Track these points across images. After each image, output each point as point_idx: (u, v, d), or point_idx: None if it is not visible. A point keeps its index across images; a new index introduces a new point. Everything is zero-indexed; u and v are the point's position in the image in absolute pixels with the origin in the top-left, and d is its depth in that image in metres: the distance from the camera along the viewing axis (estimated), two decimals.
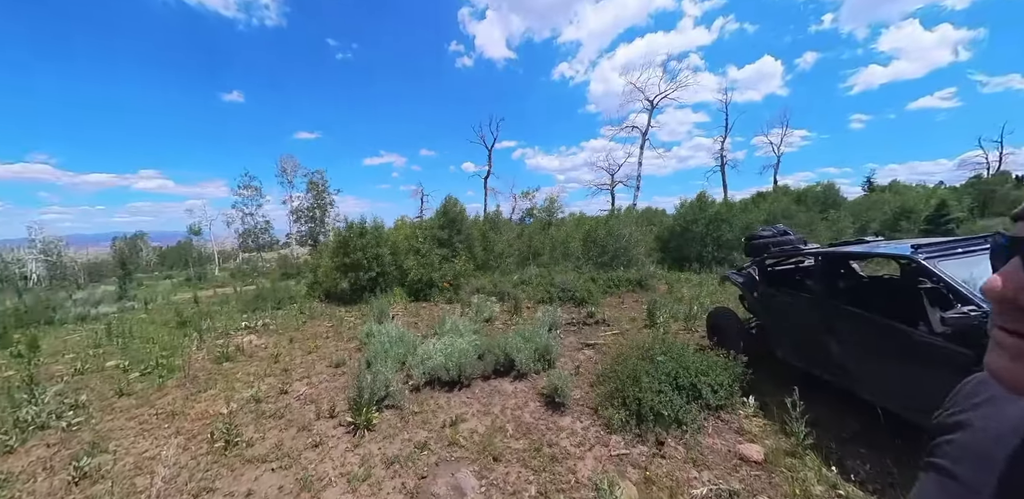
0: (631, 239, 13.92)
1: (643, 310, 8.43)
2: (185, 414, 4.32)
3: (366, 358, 5.41)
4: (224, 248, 38.83)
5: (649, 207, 26.32)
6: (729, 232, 14.42)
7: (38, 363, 6.72)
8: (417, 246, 12.01)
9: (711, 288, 10.29)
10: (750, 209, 16.76)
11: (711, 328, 5.83)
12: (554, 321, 7.14)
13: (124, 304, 13.46)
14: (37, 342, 7.41)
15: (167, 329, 8.99)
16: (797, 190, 22.08)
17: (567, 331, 7.15)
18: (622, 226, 14.20)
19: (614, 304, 9.44)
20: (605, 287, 10.83)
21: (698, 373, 4.16)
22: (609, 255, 13.69)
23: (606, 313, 8.16)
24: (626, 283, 11.09)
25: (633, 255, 13.80)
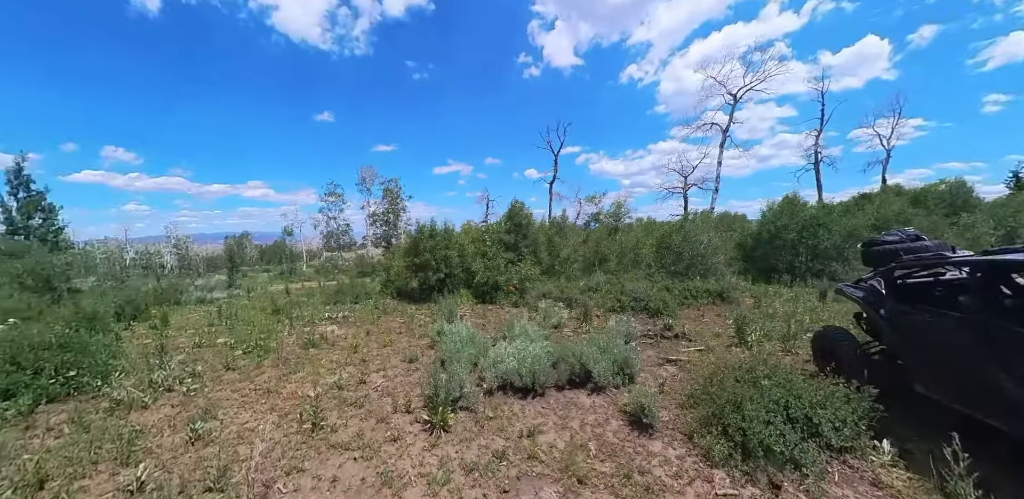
0: (709, 246, 12.80)
1: (728, 325, 7.62)
2: (278, 392, 4.60)
3: (439, 357, 5.41)
4: (311, 247, 42.83)
5: (726, 212, 24.16)
6: (828, 239, 12.67)
7: (167, 335, 7.75)
8: (484, 249, 12.11)
9: (810, 304, 9.05)
10: (852, 213, 14.56)
11: (820, 351, 5.00)
12: (629, 332, 6.67)
13: (232, 291, 15.27)
14: (167, 318, 8.57)
15: (264, 314, 9.93)
16: (913, 190, 18.68)
17: (643, 343, 6.63)
18: (700, 232, 13.11)
19: (693, 317, 8.66)
20: (681, 298, 10.02)
21: (813, 404, 3.53)
22: (684, 263, 12.71)
23: (685, 326, 7.48)
24: (705, 294, 10.16)
25: (711, 264, 12.67)
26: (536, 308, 9.63)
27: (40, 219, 15.42)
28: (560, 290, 10.96)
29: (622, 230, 19.07)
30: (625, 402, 4.05)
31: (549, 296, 10.73)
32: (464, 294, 11.67)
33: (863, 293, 4.51)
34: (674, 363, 5.66)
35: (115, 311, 9.60)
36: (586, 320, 8.24)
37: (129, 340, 7.68)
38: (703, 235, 13.09)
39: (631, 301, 9.58)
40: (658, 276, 12.71)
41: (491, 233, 12.34)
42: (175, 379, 4.88)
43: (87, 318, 8.31)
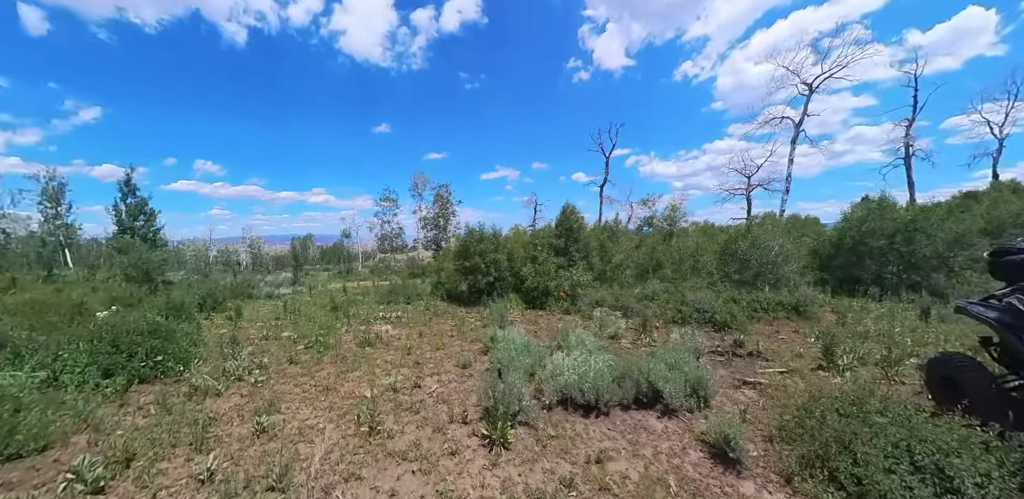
0: (781, 253, 11.58)
1: (810, 344, 6.79)
2: (336, 390, 4.63)
3: (494, 364, 5.21)
4: (366, 249, 45.02)
5: (796, 215, 21.90)
6: (927, 246, 10.99)
7: (240, 326, 8.28)
8: (534, 254, 11.86)
9: (910, 322, 7.87)
10: (956, 215, 12.52)
11: (937, 383, 4.17)
12: (696, 347, 6.09)
13: (296, 288, 16.27)
14: (241, 311, 9.18)
15: (324, 311, 10.36)
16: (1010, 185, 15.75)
17: (713, 361, 6.02)
18: (770, 237, 11.88)
19: (766, 333, 7.82)
20: (750, 310, 9.14)
21: (944, 451, 2.89)
22: (752, 272, 11.60)
23: (759, 344, 6.72)
24: (778, 308, 9.19)
25: (783, 273, 11.45)
26: (590, 316, 9.21)
27: (143, 221, 17.46)
28: (614, 298, 10.43)
29: (677, 235, 17.95)
30: (703, 430, 3.59)
31: (603, 304, 10.25)
32: (513, 298, 11.49)
33: (998, 313, 3.67)
34: (752, 386, 5.04)
35: (198, 302, 10.50)
36: (645, 331, 7.69)
37: (208, 329, 8.29)
38: (773, 241, 11.91)
39: (693, 312, 8.88)
40: (721, 285, 11.73)
41: (541, 237, 12.08)
42: (245, 369, 5.09)
43: (175, 307, 9.12)
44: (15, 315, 6.83)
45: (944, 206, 13.62)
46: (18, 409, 3.82)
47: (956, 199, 16.72)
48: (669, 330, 8.07)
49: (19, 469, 3.21)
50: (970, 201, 16.30)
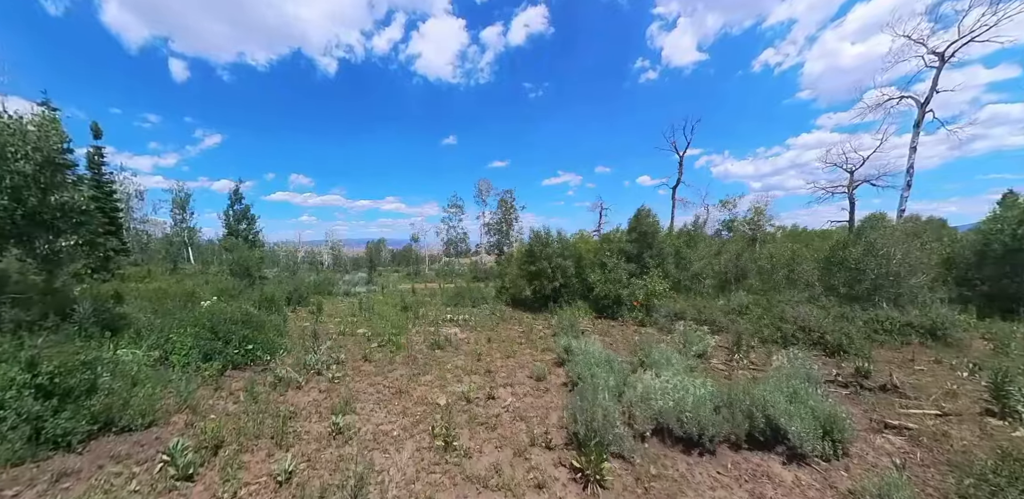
0: (905, 263, 9.47)
1: (962, 379, 5.40)
2: (409, 394, 4.44)
3: (572, 379, 4.71)
4: (432, 252, 46.89)
5: (913, 216, 18.07)
6: None
7: (320, 320, 8.66)
8: (603, 260, 11.13)
9: None
10: None
11: None
12: (809, 374, 5.06)
13: (370, 287, 17.12)
14: (322, 306, 9.67)
15: (395, 310, 10.58)
16: None
17: (834, 394, 4.95)
18: (891, 242, 9.74)
19: (895, 361, 6.41)
20: (869, 331, 7.63)
21: None
22: (866, 284, 9.67)
23: (893, 376, 5.45)
24: (906, 330, 7.57)
25: (907, 287, 9.38)
26: (670, 330, 8.31)
27: (245, 225, 19.70)
28: (697, 310, 9.36)
29: (762, 240, 15.96)
30: (850, 488, 2.77)
31: (684, 316, 9.25)
32: (581, 306, 10.86)
33: None
34: (897, 431, 3.97)
35: (286, 296, 11.32)
36: (739, 351, 6.68)
37: (292, 321, 8.80)
38: (896, 247, 9.70)
39: (796, 331, 7.62)
40: (825, 300, 9.96)
41: (612, 242, 11.33)
42: (323, 364, 5.15)
43: (267, 300, 9.87)
44: (146, 300, 7.77)
45: None
46: (135, 383, 4.13)
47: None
48: (768, 351, 6.95)
49: (127, 443, 3.37)
50: None
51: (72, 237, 4.58)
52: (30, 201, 4.14)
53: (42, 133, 4.28)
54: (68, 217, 4.40)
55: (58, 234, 4.50)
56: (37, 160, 4.13)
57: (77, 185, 4.68)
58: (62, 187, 4.40)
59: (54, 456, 3.07)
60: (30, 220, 4.26)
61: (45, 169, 4.21)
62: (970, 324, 8.39)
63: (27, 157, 4.12)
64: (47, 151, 4.20)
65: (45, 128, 4.30)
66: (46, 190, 4.25)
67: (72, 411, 3.19)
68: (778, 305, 9.58)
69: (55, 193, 4.31)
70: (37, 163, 4.16)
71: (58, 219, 4.32)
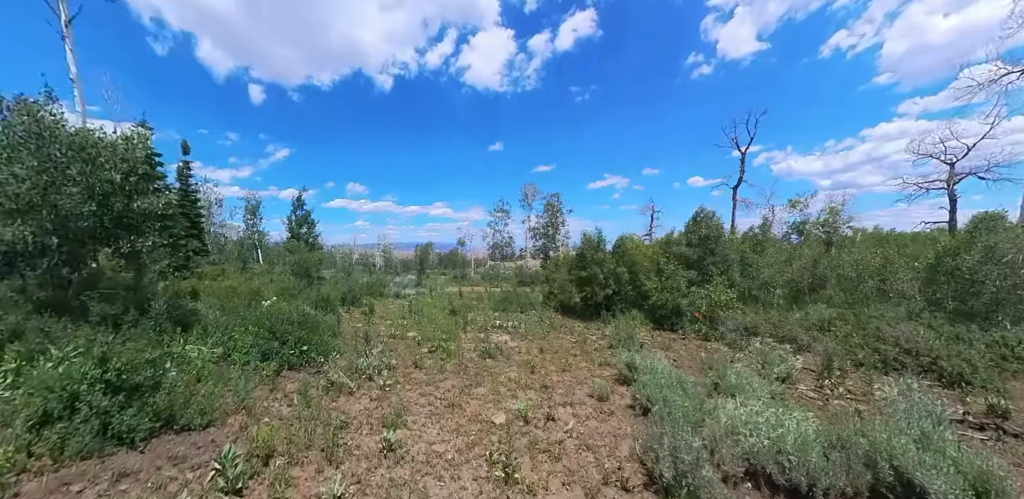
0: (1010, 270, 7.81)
1: None
2: (462, 409, 4.12)
3: (642, 402, 4.16)
4: (477, 256, 47.42)
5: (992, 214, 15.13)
6: None
7: (372, 321, 8.70)
8: (660, 266, 10.30)
9: None
10: None
11: None
12: (933, 413, 4.12)
13: (419, 289, 17.34)
14: (374, 308, 9.74)
15: (443, 314, 10.46)
16: None
17: (966, 438, 4.00)
18: (1017, 248, 8.06)
19: None
20: (997, 358, 6.32)
21: None
22: (984, 298, 8.09)
23: None
24: None
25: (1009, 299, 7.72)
26: (739, 346, 7.42)
27: (305, 229, 20.87)
28: (771, 325, 8.32)
29: (838, 245, 14.08)
30: None
31: (755, 331, 8.25)
32: (636, 316, 10.11)
33: None
34: None
35: (340, 297, 11.64)
36: (829, 376, 5.72)
37: (346, 321, 8.91)
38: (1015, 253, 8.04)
39: (898, 354, 6.48)
40: (929, 316, 8.43)
41: (671, 245, 10.47)
42: (375, 369, 4.98)
43: (324, 299, 10.17)
44: (216, 297, 8.21)
45: None
46: (199, 379, 4.18)
47: None
48: (867, 377, 5.91)
49: (185, 443, 3.32)
50: None
51: (152, 238, 4.81)
52: (116, 206, 4.40)
53: (130, 145, 4.54)
54: (151, 221, 4.65)
55: (141, 235, 4.75)
56: (123, 169, 4.39)
57: (159, 193, 4.94)
58: (145, 194, 4.66)
59: (118, 452, 3.07)
60: (116, 223, 4.53)
61: (130, 177, 4.45)
62: None
63: (115, 167, 4.38)
64: (133, 162, 4.45)
65: (132, 142, 4.56)
66: (131, 196, 4.50)
67: (137, 407, 3.20)
68: (870, 321, 8.29)
69: (139, 199, 4.55)
70: (123, 172, 4.41)
71: (142, 223, 4.58)
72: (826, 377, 5.81)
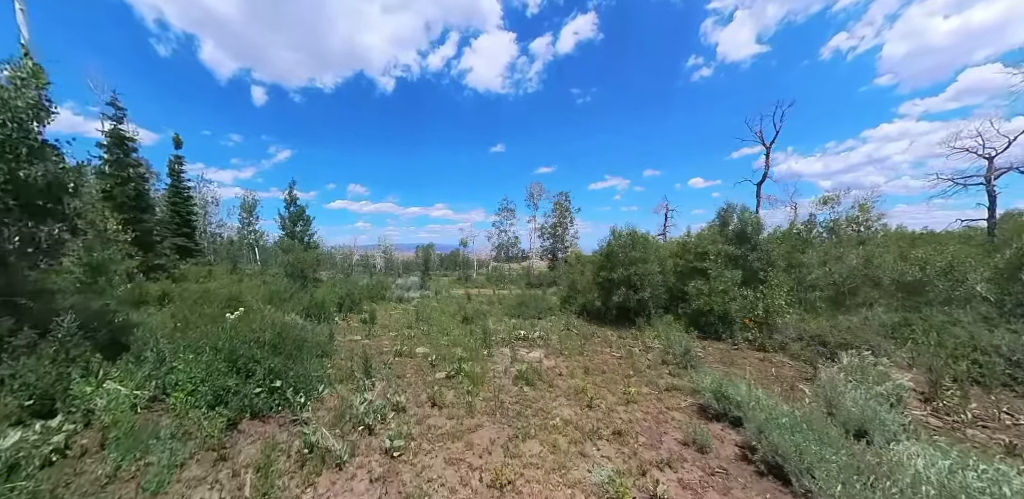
0: None
1: None
2: (514, 487, 2.56)
3: (764, 456, 2.63)
4: (479, 257, 45.89)
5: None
6: None
7: (373, 333, 7.13)
8: (703, 266, 8.80)
9: None
10: None
11: None
12: None
13: (423, 292, 15.76)
14: (375, 315, 8.17)
15: (455, 322, 8.92)
16: None
17: None
18: None
19: None
20: None
21: None
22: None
23: None
24: None
25: None
26: (806, 359, 5.98)
27: (300, 226, 19.19)
28: (842, 332, 6.84)
29: (871, 243, 12.75)
30: None
31: (824, 341, 6.78)
32: (672, 322, 8.61)
33: None
34: None
35: (337, 302, 10.08)
36: (940, 397, 4.26)
37: (343, 331, 7.35)
38: None
39: (1009, 366, 5.12)
40: (1002, 320, 7.10)
41: (712, 244, 8.96)
42: (377, 413, 3.43)
43: (317, 306, 8.61)
44: (186, 305, 6.64)
45: None
46: (103, 444, 2.60)
47: None
48: (990, 397, 4.47)
49: None
50: None
51: (52, 223, 3.28)
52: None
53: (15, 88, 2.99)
54: (49, 197, 3.11)
55: (36, 218, 3.21)
56: None
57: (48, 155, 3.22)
58: (41, 157, 3.09)
59: None
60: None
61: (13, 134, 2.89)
62: None
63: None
64: (12, 111, 2.89)
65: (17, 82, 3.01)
66: (16, 161, 2.96)
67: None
68: (943, 327, 6.90)
69: (28, 165, 3.00)
70: None
71: (33, 200, 3.03)
72: (938, 398, 4.35)
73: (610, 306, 9.64)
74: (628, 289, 8.99)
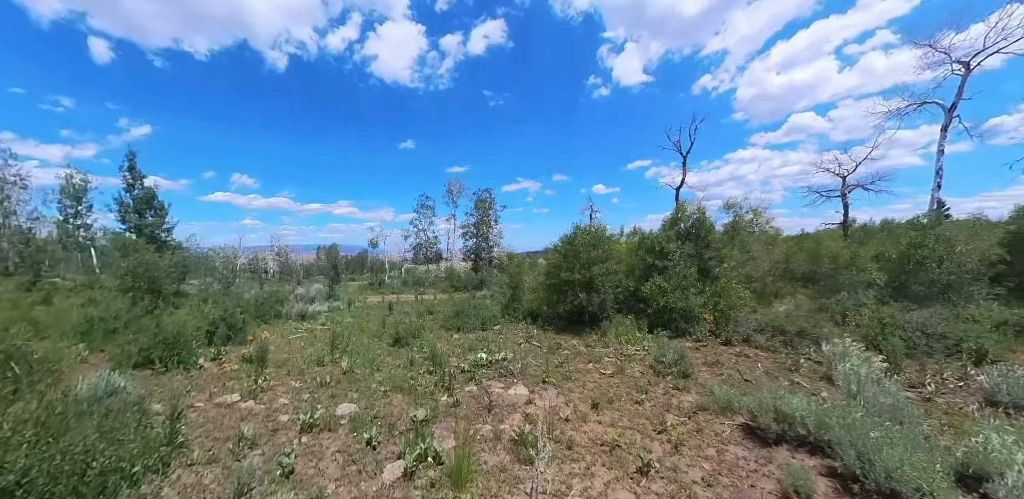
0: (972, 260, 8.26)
1: None
2: None
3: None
4: (391, 258, 41.77)
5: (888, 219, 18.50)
6: None
7: (266, 381, 4.59)
8: (663, 263, 8.16)
9: None
10: None
11: None
12: None
13: (332, 303, 12.65)
14: (266, 350, 5.52)
15: (384, 345, 6.72)
16: None
17: None
18: (964, 241, 8.68)
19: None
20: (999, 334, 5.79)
21: None
22: (941, 285, 8.21)
23: None
24: None
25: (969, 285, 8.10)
26: (772, 349, 5.65)
27: (152, 216, 14.02)
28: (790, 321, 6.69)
29: (778, 241, 14.41)
30: None
31: (782, 330, 6.55)
32: (630, 322, 7.77)
33: None
34: None
35: (208, 329, 6.92)
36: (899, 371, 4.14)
37: (211, 384, 4.67)
38: (971, 244, 8.49)
39: (929, 340, 5.79)
40: (893, 301, 8.24)
41: (669, 242, 8.38)
42: None
43: (168, 342, 5.56)
44: None
45: None
46: None
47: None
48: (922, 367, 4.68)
49: None
50: None
51: None
52: None
53: None
54: None
55: None
56: None
57: None
58: None
59: None
60: None
61: None
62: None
63: None
64: None
65: None
66: None
67: None
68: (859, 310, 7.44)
69: None
70: None
71: None
72: (900, 373, 4.60)
73: (561, 310, 8.47)
74: (589, 291, 7.87)
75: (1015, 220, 10.39)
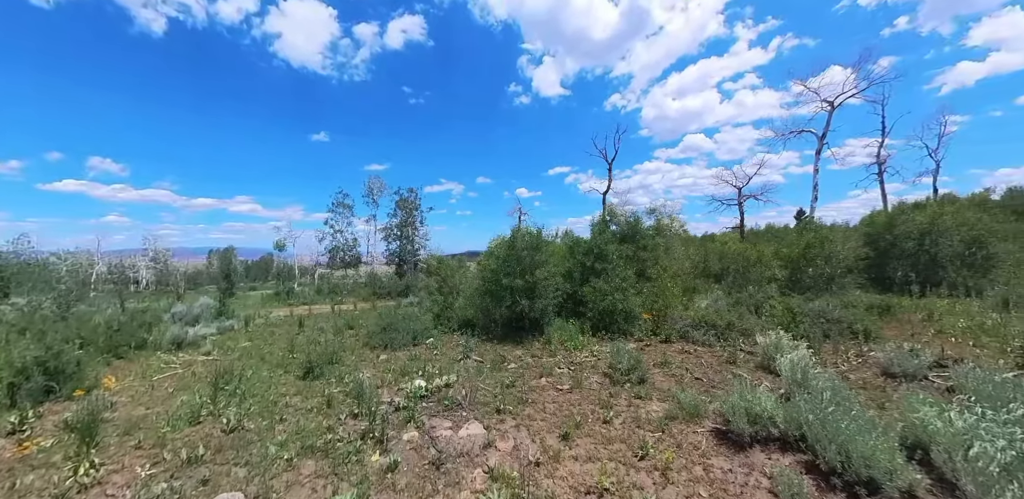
0: (848, 256, 10.00)
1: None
2: None
3: None
4: (302, 263, 36.97)
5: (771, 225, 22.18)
6: (949, 247, 10.37)
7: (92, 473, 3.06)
8: (601, 266, 8.08)
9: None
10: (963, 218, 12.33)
11: None
12: None
13: (224, 322, 10.20)
14: (108, 407, 3.82)
15: (291, 378, 5.35)
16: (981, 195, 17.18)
17: None
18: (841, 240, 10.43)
19: (904, 336, 5.01)
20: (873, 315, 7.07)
21: None
22: (825, 278, 9.87)
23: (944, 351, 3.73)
24: (876, 310, 7.55)
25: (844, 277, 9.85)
26: (707, 343, 6.05)
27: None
28: (719, 316, 7.12)
29: (693, 243, 15.96)
30: None
31: (714, 325, 6.90)
32: (573, 327, 7.55)
33: None
34: None
35: (10, 382, 4.70)
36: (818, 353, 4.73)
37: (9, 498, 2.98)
38: (847, 245, 10.28)
39: (830, 323, 6.53)
40: (791, 293, 9.69)
41: (607, 244, 8.31)
42: None
43: None
44: None
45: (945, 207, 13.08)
46: None
47: (905, 206, 17.21)
48: (835, 348, 5.75)
49: None
50: (917, 209, 16.80)
51: None
52: None
53: None
54: None
55: None
56: None
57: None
58: None
59: None
60: None
61: None
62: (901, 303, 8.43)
63: None
64: None
65: None
66: None
67: None
68: (766, 301, 8.36)
69: None
70: None
71: None
72: (818, 355, 5.27)
73: (498, 317, 7.89)
74: (532, 297, 7.39)
75: (868, 225, 13.05)
